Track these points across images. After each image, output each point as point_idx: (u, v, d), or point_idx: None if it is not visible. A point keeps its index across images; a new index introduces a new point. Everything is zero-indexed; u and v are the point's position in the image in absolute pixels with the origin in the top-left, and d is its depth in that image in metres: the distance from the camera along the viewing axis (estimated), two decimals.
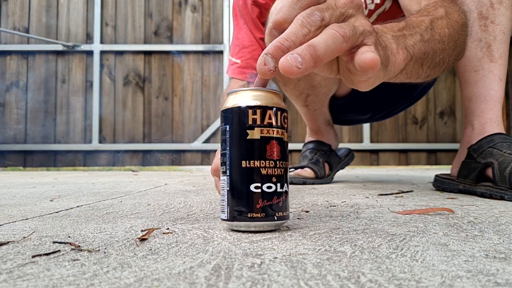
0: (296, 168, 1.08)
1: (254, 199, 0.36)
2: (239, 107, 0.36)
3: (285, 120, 0.38)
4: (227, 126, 0.37)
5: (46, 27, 2.58)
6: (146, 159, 2.56)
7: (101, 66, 2.57)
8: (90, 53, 2.57)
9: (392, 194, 0.75)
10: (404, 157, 2.57)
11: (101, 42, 2.56)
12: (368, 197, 0.70)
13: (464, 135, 0.81)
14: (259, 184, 0.36)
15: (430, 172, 1.99)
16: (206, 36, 2.59)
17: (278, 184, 0.36)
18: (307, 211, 0.52)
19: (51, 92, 2.56)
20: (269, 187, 0.36)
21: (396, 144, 2.54)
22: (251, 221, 0.36)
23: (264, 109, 0.36)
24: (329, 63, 0.39)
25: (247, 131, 0.36)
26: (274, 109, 0.37)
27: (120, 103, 2.57)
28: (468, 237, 0.35)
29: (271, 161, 0.36)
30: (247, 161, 0.36)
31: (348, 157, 1.21)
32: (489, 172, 0.69)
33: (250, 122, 0.36)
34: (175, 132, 2.57)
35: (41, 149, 2.53)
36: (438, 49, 0.52)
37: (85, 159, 2.56)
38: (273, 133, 0.36)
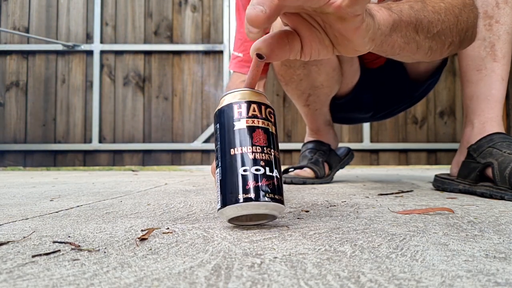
0: (295, 168, 1.08)
1: (243, 181, 0.36)
2: (227, 105, 0.40)
3: (271, 115, 0.40)
4: (218, 124, 0.40)
5: (46, 27, 2.58)
6: (146, 159, 2.56)
7: (101, 66, 2.57)
8: (90, 53, 2.57)
9: (392, 194, 0.75)
10: (404, 157, 2.57)
11: (101, 42, 2.56)
12: (368, 197, 0.70)
13: (463, 134, 0.81)
14: (247, 167, 0.37)
15: (430, 172, 1.99)
16: (206, 36, 2.59)
17: (267, 168, 0.37)
18: (307, 211, 0.52)
19: (51, 92, 2.56)
20: (257, 170, 0.37)
21: (396, 144, 2.54)
22: (242, 202, 0.36)
23: (248, 103, 0.39)
24: (320, 39, 0.39)
25: (234, 123, 0.38)
26: (258, 103, 0.40)
27: (120, 103, 2.57)
28: (468, 237, 0.35)
29: (258, 147, 0.38)
30: (235, 148, 0.38)
31: (348, 157, 1.21)
32: (489, 172, 0.69)
33: (236, 116, 0.39)
34: (175, 132, 2.57)
35: (41, 149, 2.52)
36: (433, 19, 0.52)
37: (85, 159, 2.56)
38: (258, 123, 0.39)
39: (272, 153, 0.39)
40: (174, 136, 2.57)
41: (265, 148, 0.38)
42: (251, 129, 0.38)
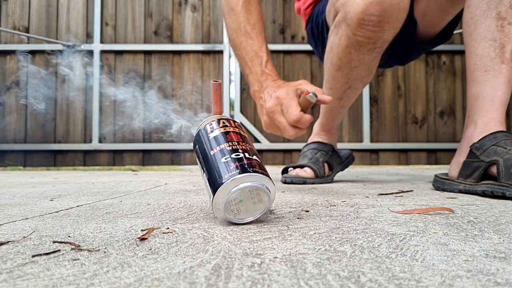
0: (295, 167, 1.09)
1: (226, 165, 0.40)
2: (201, 128, 0.46)
3: (241, 127, 0.46)
4: (197, 145, 0.45)
5: (46, 27, 2.58)
6: (146, 158, 2.56)
7: (101, 66, 2.57)
8: (90, 53, 2.57)
9: (392, 193, 0.75)
10: (404, 156, 2.57)
11: (101, 42, 2.56)
12: (368, 197, 0.70)
13: (465, 134, 0.81)
14: (227, 156, 0.40)
15: (430, 171, 1.99)
16: (206, 35, 2.59)
17: (246, 154, 0.41)
18: (307, 211, 0.52)
19: (51, 92, 2.56)
20: (237, 155, 0.41)
21: (396, 143, 2.54)
22: (229, 180, 0.38)
23: (218, 119, 0.45)
24: None
25: (209, 134, 0.44)
26: (227, 119, 0.45)
27: (120, 102, 2.57)
28: (468, 237, 0.35)
29: (233, 142, 0.42)
30: (214, 149, 0.42)
31: (349, 159, 1.21)
32: (493, 170, 0.69)
33: (209, 130, 0.44)
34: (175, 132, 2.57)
35: (41, 149, 2.52)
36: None
37: (85, 159, 2.56)
38: (230, 129, 0.44)
39: (249, 146, 0.42)
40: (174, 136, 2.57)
41: (240, 143, 0.42)
42: (225, 133, 0.43)
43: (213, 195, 0.39)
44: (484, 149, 0.72)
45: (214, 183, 0.40)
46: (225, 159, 0.40)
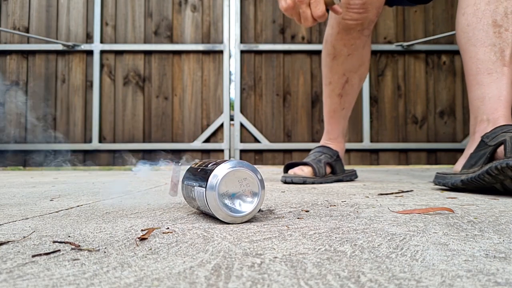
0: (297, 164, 1.10)
1: (207, 171, 0.45)
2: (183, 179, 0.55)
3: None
4: (185, 180, 0.53)
5: (46, 27, 2.58)
6: (146, 158, 2.56)
7: (101, 65, 2.57)
8: (90, 52, 2.57)
9: (392, 193, 0.75)
10: (404, 156, 2.57)
11: (101, 42, 2.56)
12: (368, 197, 0.70)
13: (476, 132, 0.83)
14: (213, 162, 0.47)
15: (430, 171, 1.99)
16: (206, 35, 2.59)
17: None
18: (307, 211, 0.52)
19: (51, 92, 2.56)
20: (211, 167, 0.46)
21: (396, 143, 2.54)
22: (215, 168, 0.43)
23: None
24: None
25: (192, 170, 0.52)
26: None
27: (120, 102, 2.57)
28: (468, 237, 0.35)
29: (206, 167, 0.47)
30: (197, 170, 0.50)
31: (352, 174, 1.22)
32: (500, 151, 0.70)
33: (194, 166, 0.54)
34: (175, 132, 2.57)
35: (41, 149, 2.52)
36: None
37: (85, 159, 2.56)
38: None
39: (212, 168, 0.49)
40: (174, 136, 2.57)
41: (208, 168, 0.49)
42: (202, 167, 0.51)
43: (205, 187, 0.42)
44: (493, 136, 0.73)
45: (204, 177, 0.43)
46: (212, 165, 0.45)
